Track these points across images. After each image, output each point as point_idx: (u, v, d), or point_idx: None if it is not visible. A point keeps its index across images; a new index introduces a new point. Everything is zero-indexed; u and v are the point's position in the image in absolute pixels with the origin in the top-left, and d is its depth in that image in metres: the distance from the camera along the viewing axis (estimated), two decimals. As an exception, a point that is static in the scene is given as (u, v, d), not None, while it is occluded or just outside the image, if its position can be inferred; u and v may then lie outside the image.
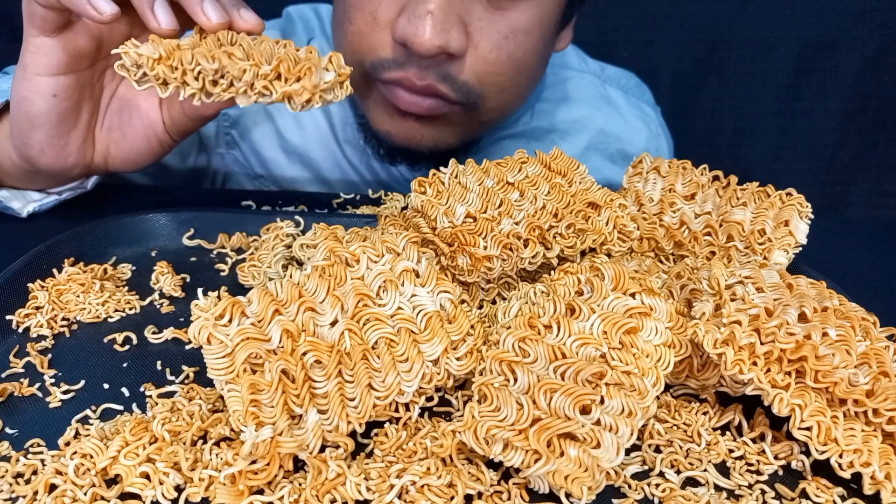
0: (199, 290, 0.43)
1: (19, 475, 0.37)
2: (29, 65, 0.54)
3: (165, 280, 0.55)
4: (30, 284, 0.52)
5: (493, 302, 0.51)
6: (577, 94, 0.93)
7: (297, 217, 0.63)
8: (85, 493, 0.36)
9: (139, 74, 0.47)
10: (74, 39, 0.54)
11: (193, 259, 0.60)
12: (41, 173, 0.62)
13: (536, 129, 0.90)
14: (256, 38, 0.50)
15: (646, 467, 0.40)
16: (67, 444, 0.39)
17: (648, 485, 0.39)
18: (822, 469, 0.40)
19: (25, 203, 0.66)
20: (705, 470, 0.40)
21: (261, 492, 0.36)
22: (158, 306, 0.53)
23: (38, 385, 0.44)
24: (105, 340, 0.49)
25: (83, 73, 0.57)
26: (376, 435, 0.41)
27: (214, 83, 0.47)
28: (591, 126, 0.92)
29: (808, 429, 0.39)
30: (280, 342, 0.39)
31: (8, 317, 0.49)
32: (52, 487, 0.36)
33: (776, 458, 0.41)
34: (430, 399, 0.43)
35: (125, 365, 0.47)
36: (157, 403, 0.42)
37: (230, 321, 0.39)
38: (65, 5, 0.49)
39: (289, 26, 0.93)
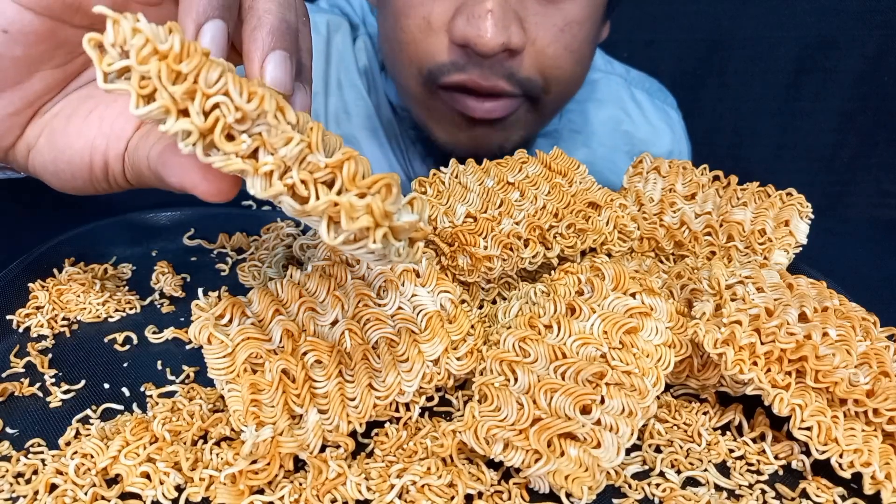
0: (200, 290, 0.43)
1: (20, 475, 0.37)
2: None
3: (166, 280, 0.55)
4: (30, 284, 0.52)
5: (494, 302, 0.51)
6: (604, 95, 0.94)
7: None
8: (85, 493, 0.36)
9: (116, 65, 0.29)
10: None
11: (194, 259, 0.60)
12: None
13: (564, 130, 0.91)
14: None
15: (646, 467, 0.40)
16: (68, 443, 0.39)
17: (649, 485, 0.39)
18: (823, 469, 0.40)
19: None
20: (706, 470, 0.40)
21: (261, 491, 0.36)
22: (159, 306, 0.53)
23: (38, 385, 0.44)
24: (105, 340, 0.49)
25: (60, 26, 0.37)
26: (377, 435, 0.41)
27: (230, 137, 0.30)
28: (617, 127, 0.93)
29: (809, 429, 0.39)
30: (280, 342, 0.39)
31: (8, 316, 0.49)
32: (53, 487, 0.36)
33: (776, 457, 0.41)
34: (430, 399, 0.43)
35: (125, 365, 0.47)
36: (157, 403, 0.42)
37: (230, 321, 0.39)
38: None
39: (332, 19, 0.86)
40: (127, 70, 0.29)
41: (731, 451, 0.42)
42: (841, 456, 0.38)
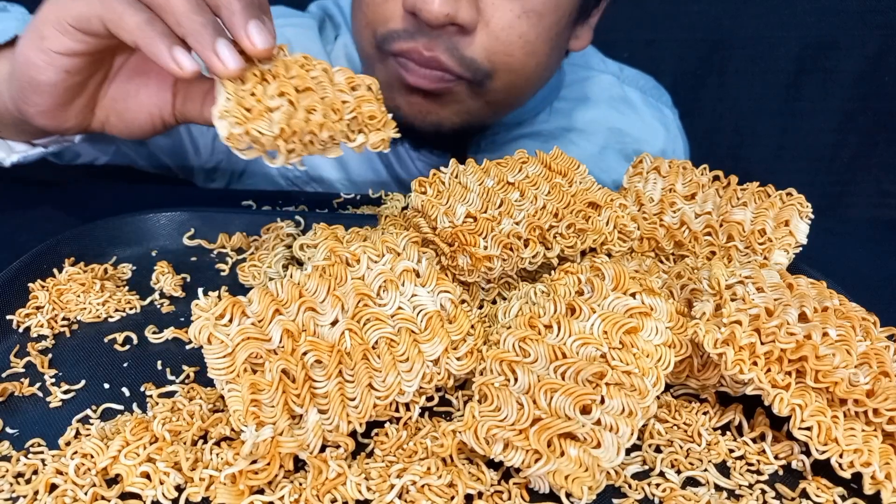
0: (200, 290, 0.43)
1: (20, 475, 0.37)
2: (50, 39, 0.49)
3: (166, 280, 0.55)
4: (30, 284, 0.52)
5: (494, 302, 0.51)
6: (595, 93, 0.93)
7: (297, 217, 0.63)
8: (85, 493, 0.36)
9: (245, 145, 0.46)
10: (110, 40, 0.50)
11: (194, 259, 0.60)
12: (32, 126, 0.57)
13: (555, 128, 0.90)
14: (305, 67, 0.49)
15: (646, 467, 0.40)
16: (68, 443, 0.39)
17: (649, 485, 0.39)
18: (823, 469, 0.40)
19: (9, 153, 0.63)
20: (706, 470, 0.40)
21: (261, 491, 0.36)
22: (159, 306, 0.53)
23: (38, 385, 0.44)
24: (105, 340, 0.49)
25: (103, 54, 0.53)
26: (377, 435, 0.41)
27: (312, 142, 0.47)
28: (609, 125, 0.92)
29: (809, 429, 0.39)
30: (280, 342, 0.39)
31: (8, 317, 0.49)
32: (53, 487, 0.36)
33: (776, 457, 0.41)
34: (430, 399, 0.43)
35: (125, 365, 0.47)
36: (157, 403, 0.42)
37: (230, 321, 0.39)
38: (142, 50, 0.47)
39: (322, 22, 0.92)
40: (251, 146, 0.46)
41: (731, 451, 0.42)
42: (841, 456, 0.38)
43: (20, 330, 0.49)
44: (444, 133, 0.76)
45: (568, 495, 0.36)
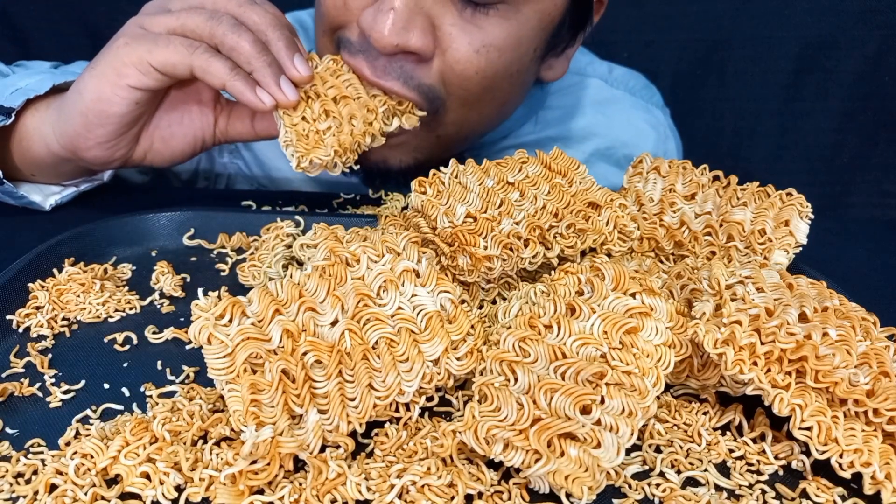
0: (200, 290, 0.43)
1: (20, 475, 0.37)
2: (130, 77, 0.57)
3: (165, 280, 0.55)
4: (30, 284, 0.52)
5: (494, 302, 0.51)
6: (581, 99, 0.92)
7: (297, 217, 0.63)
8: (85, 493, 0.36)
9: (315, 168, 0.57)
10: (184, 78, 0.59)
11: (193, 259, 0.60)
12: (78, 164, 0.64)
13: (541, 138, 0.88)
14: (335, 74, 0.61)
15: (646, 467, 0.40)
16: (68, 443, 0.39)
17: (649, 485, 0.39)
18: (823, 469, 0.40)
19: (46, 196, 0.68)
20: (706, 470, 0.40)
21: (261, 492, 0.36)
22: (158, 306, 0.53)
23: (38, 385, 0.44)
24: (105, 340, 0.49)
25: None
26: (376, 435, 0.41)
27: (360, 147, 0.58)
28: (596, 133, 0.90)
29: (809, 429, 0.39)
30: (280, 342, 0.39)
31: (8, 317, 0.49)
32: (53, 487, 0.36)
33: (776, 458, 0.41)
34: (430, 399, 0.43)
35: (125, 365, 0.47)
36: (157, 403, 0.42)
37: (230, 321, 0.39)
38: (231, 92, 0.57)
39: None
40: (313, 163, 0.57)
41: (731, 451, 0.42)
42: (841, 456, 0.38)
43: (20, 330, 0.49)
44: (393, 172, 0.73)
45: (568, 495, 0.36)
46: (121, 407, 0.43)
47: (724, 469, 0.41)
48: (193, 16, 0.57)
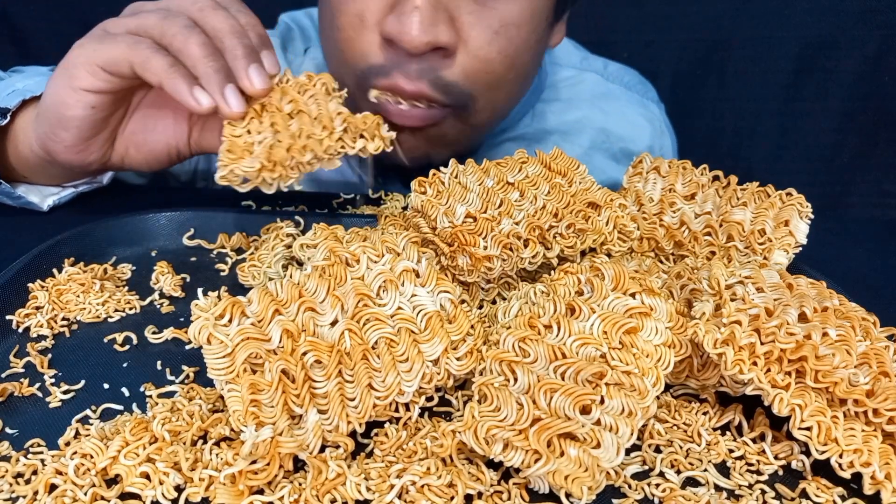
0: (199, 290, 0.43)
1: (19, 475, 0.37)
2: (81, 79, 0.56)
3: (165, 280, 0.55)
4: (30, 284, 0.52)
5: (493, 302, 0.51)
6: (578, 93, 0.92)
7: (297, 217, 0.63)
8: (85, 493, 0.36)
9: (241, 180, 0.52)
10: (133, 81, 0.57)
11: (193, 259, 0.60)
12: (59, 167, 0.63)
13: (538, 131, 0.89)
14: (303, 88, 0.55)
15: (646, 467, 0.40)
16: (67, 443, 0.39)
17: (648, 485, 0.39)
18: (822, 469, 0.40)
19: (44, 197, 0.68)
20: (705, 470, 0.40)
21: (261, 492, 0.36)
22: (158, 306, 0.53)
23: (38, 385, 0.44)
24: (105, 340, 0.49)
25: (125, 92, 0.59)
26: (376, 435, 0.41)
27: (308, 163, 0.52)
28: (593, 125, 0.91)
29: (808, 429, 0.39)
30: (280, 342, 0.39)
31: (8, 317, 0.49)
32: (53, 487, 0.36)
33: (776, 458, 0.41)
34: (430, 399, 0.43)
35: (125, 365, 0.47)
36: (157, 403, 0.42)
37: (230, 321, 0.39)
38: (166, 89, 0.53)
39: (287, 35, 0.92)
40: (246, 180, 0.52)
41: (731, 451, 0.42)
42: (841, 456, 0.38)
43: (20, 330, 0.49)
44: (436, 166, 0.74)
45: (568, 495, 0.36)
46: (121, 407, 0.43)
47: (723, 469, 0.41)
48: (151, 16, 0.55)
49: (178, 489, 0.36)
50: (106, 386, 0.44)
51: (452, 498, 0.36)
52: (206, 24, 0.55)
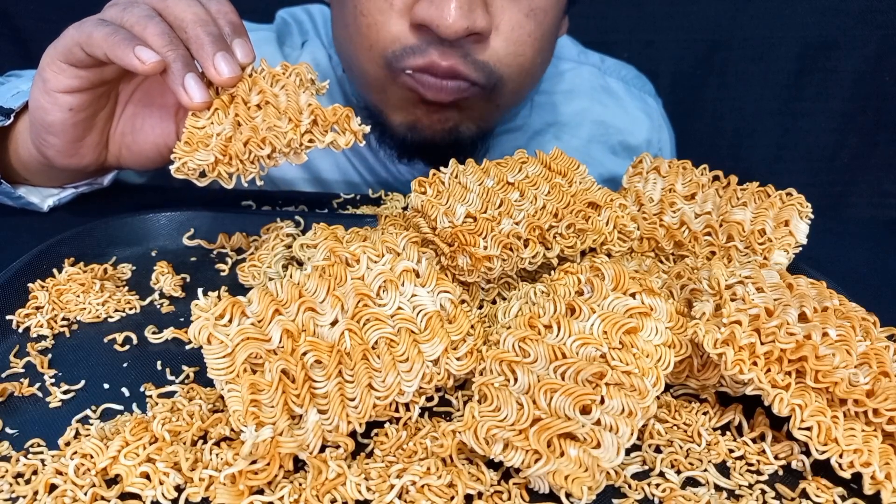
0: (199, 290, 0.43)
1: (19, 475, 0.37)
2: (50, 80, 0.55)
3: (165, 280, 0.55)
4: (30, 284, 0.52)
5: (493, 302, 0.51)
6: (576, 85, 0.93)
7: (297, 217, 0.63)
8: (85, 493, 0.36)
9: (199, 174, 0.49)
10: (101, 72, 0.55)
11: (193, 259, 0.60)
12: (57, 170, 0.63)
13: (537, 123, 0.89)
14: (275, 79, 0.52)
15: (646, 467, 0.40)
16: (67, 444, 0.39)
17: (649, 485, 0.39)
18: (823, 469, 0.40)
19: (44, 198, 0.68)
20: (705, 470, 0.40)
21: (261, 492, 0.36)
22: (158, 306, 0.53)
23: (38, 385, 0.44)
24: (105, 340, 0.49)
25: (101, 89, 0.58)
26: (376, 435, 0.41)
27: (269, 157, 0.49)
28: (591, 118, 0.91)
29: (809, 429, 0.39)
30: (280, 342, 0.39)
31: (8, 317, 0.49)
32: (53, 487, 0.36)
33: (776, 458, 0.41)
34: (430, 399, 0.43)
35: (125, 365, 0.47)
36: (157, 403, 0.42)
37: (230, 321, 0.39)
38: (110, 59, 0.51)
39: (284, 29, 0.92)
40: (204, 174, 0.50)
41: (731, 451, 0.42)
42: (841, 456, 0.38)
43: (20, 330, 0.49)
44: (462, 141, 0.75)
45: (568, 495, 0.36)
46: (121, 407, 0.43)
47: (723, 469, 0.41)
48: (112, 9, 0.54)
49: (178, 489, 0.36)
50: (106, 386, 0.44)
51: (452, 498, 0.36)
52: (168, 13, 0.53)
